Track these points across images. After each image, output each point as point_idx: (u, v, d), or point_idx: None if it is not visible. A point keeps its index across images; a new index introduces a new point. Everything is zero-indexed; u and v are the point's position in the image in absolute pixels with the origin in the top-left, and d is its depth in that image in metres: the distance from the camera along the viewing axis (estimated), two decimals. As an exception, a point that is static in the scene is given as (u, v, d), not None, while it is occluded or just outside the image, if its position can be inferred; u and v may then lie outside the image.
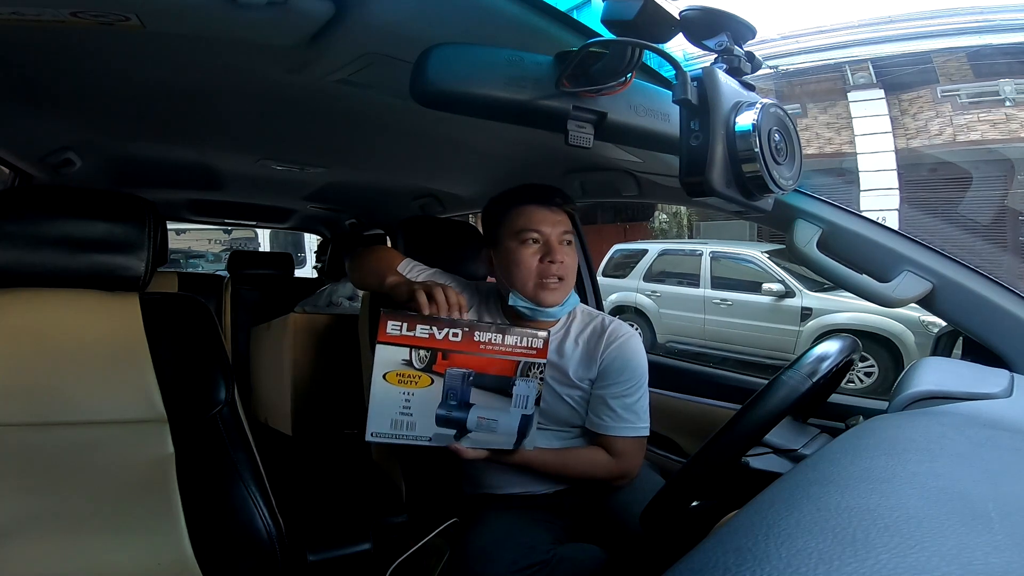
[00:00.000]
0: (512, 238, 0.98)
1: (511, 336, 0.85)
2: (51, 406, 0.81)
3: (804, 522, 0.29)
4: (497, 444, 0.88)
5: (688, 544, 0.31)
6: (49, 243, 0.83)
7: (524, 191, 1.01)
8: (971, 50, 6.35)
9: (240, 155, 1.55)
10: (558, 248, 0.97)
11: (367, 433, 0.83)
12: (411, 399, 0.83)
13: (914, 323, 4.08)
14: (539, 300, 0.97)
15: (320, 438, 1.78)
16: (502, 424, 0.86)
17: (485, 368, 0.85)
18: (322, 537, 0.90)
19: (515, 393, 0.85)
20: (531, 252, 0.97)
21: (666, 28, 0.53)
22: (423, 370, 0.83)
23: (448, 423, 0.84)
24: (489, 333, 0.85)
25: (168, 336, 0.90)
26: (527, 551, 0.89)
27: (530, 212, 0.98)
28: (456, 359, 0.84)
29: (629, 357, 1.00)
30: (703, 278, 5.60)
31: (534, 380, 0.86)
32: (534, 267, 0.96)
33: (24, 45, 0.82)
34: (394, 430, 0.83)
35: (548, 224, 0.97)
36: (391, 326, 0.82)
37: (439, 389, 0.83)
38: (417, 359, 0.83)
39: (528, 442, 0.88)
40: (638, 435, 0.99)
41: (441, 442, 0.85)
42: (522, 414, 0.86)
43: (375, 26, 0.70)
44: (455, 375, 0.83)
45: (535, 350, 0.86)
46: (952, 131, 6.65)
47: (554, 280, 0.96)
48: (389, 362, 0.82)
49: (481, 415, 0.85)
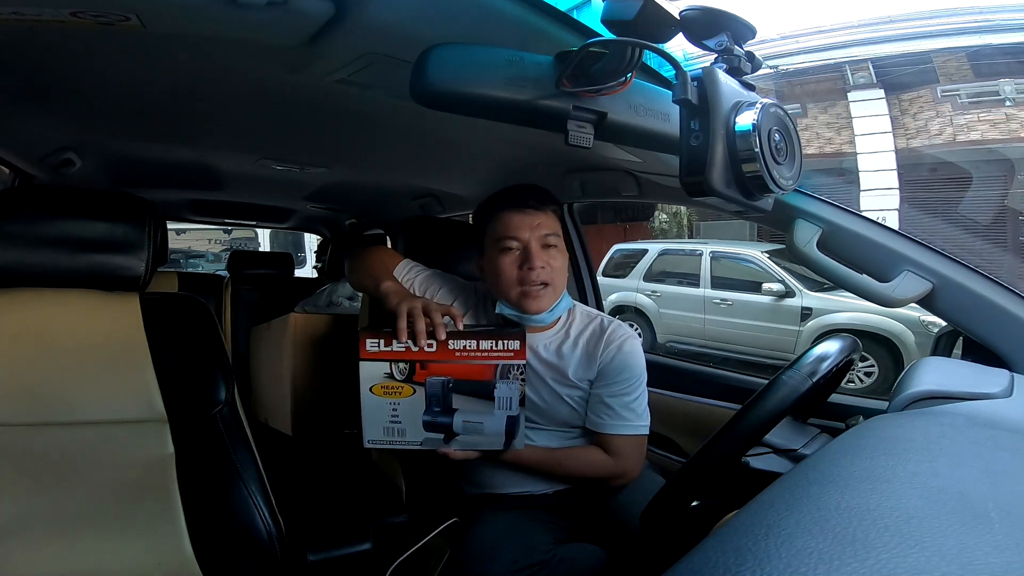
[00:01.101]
0: (492, 246, 0.97)
1: (486, 341, 0.87)
2: (51, 406, 0.81)
3: (804, 522, 0.29)
4: (487, 445, 0.89)
5: (688, 544, 0.31)
6: (49, 243, 0.83)
7: (501, 196, 0.99)
8: (971, 50, 6.35)
9: (240, 155, 1.55)
10: (538, 253, 0.94)
11: (364, 440, 0.87)
12: (398, 408, 0.87)
13: (914, 323, 4.08)
14: (524, 308, 0.96)
15: (320, 438, 1.78)
16: (488, 426, 0.88)
17: (464, 375, 0.87)
18: (322, 537, 0.90)
19: (496, 396, 0.87)
20: (510, 260, 0.95)
21: (666, 28, 0.54)
22: (404, 381, 0.86)
23: (435, 428, 0.87)
24: (463, 340, 0.87)
25: (168, 336, 0.90)
26: (527, 551, 0.89)
27: (507, 219, 0.96)
28: (434, 368, 0.86)
29: (628, 357, 1.00)
30: (703, 278, 5.60)
31: (515, 381, 0.87)
32: (515, 275, 0.95)
33: (24, 45, 0.82)
34: (388, 436, 0.87)
35: (525, 229, 0.95)
36: (369, 344, 0.86)
37: (422, 398, 0.86)
38: (397, 371, 0.86)
39: (517, 442, 0.89)
40: (637, 433, 0.98)
41: (432, 446, 0.88)
42: (507, 415, 0.88)
43: (375, 26, 0.70)
44: (435, 383, 0.86)
45: (512, 351, 0.87)
46: (952, 131, 6.65)
47: (537, 287, 0.94)
48: (373, 376, 0.86)
49: (466, 419, 0.87)
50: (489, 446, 0.89)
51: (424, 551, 1.01)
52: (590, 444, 1.01)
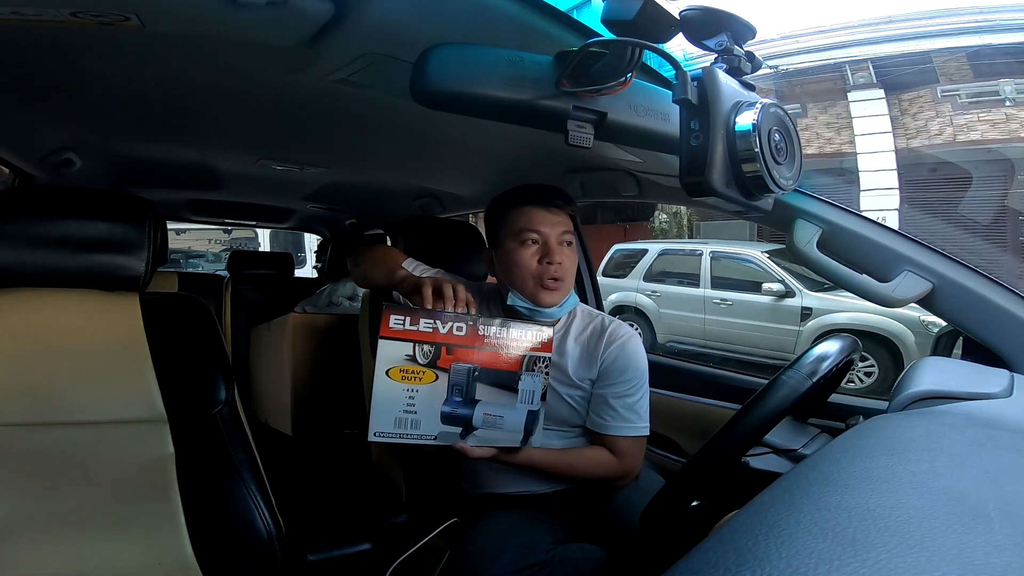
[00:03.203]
0: (512, 238, 0.99)
1: (516, 329, 0.84)
2: (51, 406, 0.81)
3: (804, 522, 0.29)
4: (504, 441, 0.86)
5: (688, 544, 0.31)
6: (49, 243, 0.83)
7: (525, 192, 1.02)
8: (971, 50, 6.35)
9: (240, 155, 1.55)
10: (557, 249, 0.97)
11: (370, 433, 0.81)
12: (415, 396, 0.81)
13: (914, 323, 4.08)
14: (538, 300, 0.97)
15: (320, 438, 1.78)
16: (508, 420, 0.85)
17: (490, 363, 0.83)
18: (322, 537, 0.90)
19: (521, 388, 0.84)
20: (530, 253, 0.97)
21: (666, 28, 0.54)
22: (427, 366, 0.81)
23: (453, 420, 0.83)
24: (493, 327, 0.83)
25: (168, 336, 0.90)
26: (527, 551, 0.89)
27: (530, 213, 0.98)
28: (460, 354, 0.82)
29: (630, 357, 1.00)
30: (703, 278, 5.60)
31: (540, 375, 0.85)
32: (533, 267, 0.97)
33: (24, 45, 0.82)
34: (398, 429, 0.81)
35: (547, 225, 0.98)
36: (394, 320, 0.80)
37: (444, 386, 0.81)
38: (421, 354, 0.81)
39: (535, 439, 0.87)
40: (639, 435, 0.99)
41: (447, 440, 0.83)
42: (528, 410, 0.85)
43: (375, 26, 0.70)
44: (460, 370, 0.82)
45: (541, 343, 0.85)
46: (952, 131, 6.66)
47: (552, 281, 0.97)
48: (392, 358, 0.80)
49: (487, 411, 0.83)
50: (506, 442, 0.86)
51: (424, 551, 1.01)
52: (591, 443, 1.01)
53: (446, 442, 0.83)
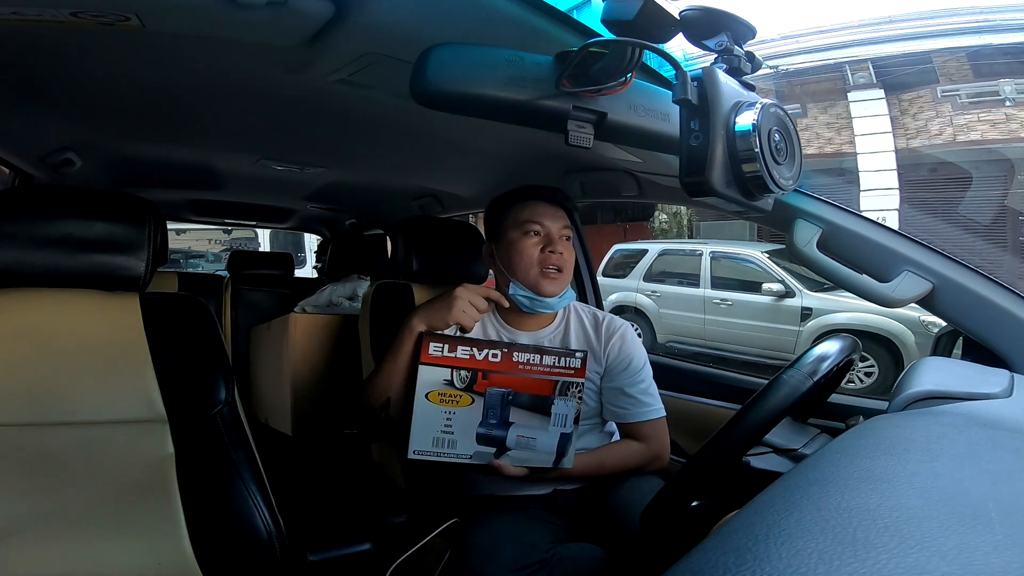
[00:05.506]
0: (515, 229, 1.03)
1: (549, 356, 0.89)
2: (51, 406, 0.81)
3: (804, 522, 0.29)
4: (536, 462, 0.90)
5: (688, 544, 0.31)
6: (49, 243, 0.83)
7: (528, 189, 1.07)
8: (971, 50, 6.36)
9: (240, 155, 1.55)
10: (558, 240, 1.02)
11: (409, 451, 0.87)
12: (452, 418, 0.87)
13: (914, 323, 4.08)
14: (540, 289, 1.00)
15: (320, 438, 1.77)
16: (540, 442, 0.89)
17: (524, 387, 0.88)
18: (322, 537, 0.89)
19: (554, 412, 0.88)
20: (533, 243, 1.01)
21: (666, 28, 0.53)
22: (464, 390, 0.87)
23: (488, 441, 0.88)
24: (527, 354, 0.88)
25: (168, 336, 0.90)
26: (527, 550, 0.89)
27: (533, 206, 1.03)
28: (496, 379, 0.87)
29: (632, 346, 1.05)
30: (703, 278, 5.59)
31: (573, 399, 0.89)
32: (536, 256, 1.01)
33: (24, 45, 0.82)
34: (436, 448, 0.87)
35: (549, 218, 1.02)
36: (433, 348, 0.86)
37: (479, 408, 0.87)
38: (458, 379, 0.87)
39: (567, 460, 0.90)
40: (660, 416, 1.03)
41: (481, 459, 0.88)
42: (561, 432, 0.89)
43: (375, 26, 0.70)
44: (495, 394, 0.87)
45: (573, 369, 0.89)
46: (952, 131, 6.66)
47: (554, 270, 1.00)
48: (431, 382, 0.86)
49: (520, 433, 0.88)
50: (539, 463, 0.90)
51: (424, 551, 1.01)
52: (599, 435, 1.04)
53: (481, 461, 0.88)
